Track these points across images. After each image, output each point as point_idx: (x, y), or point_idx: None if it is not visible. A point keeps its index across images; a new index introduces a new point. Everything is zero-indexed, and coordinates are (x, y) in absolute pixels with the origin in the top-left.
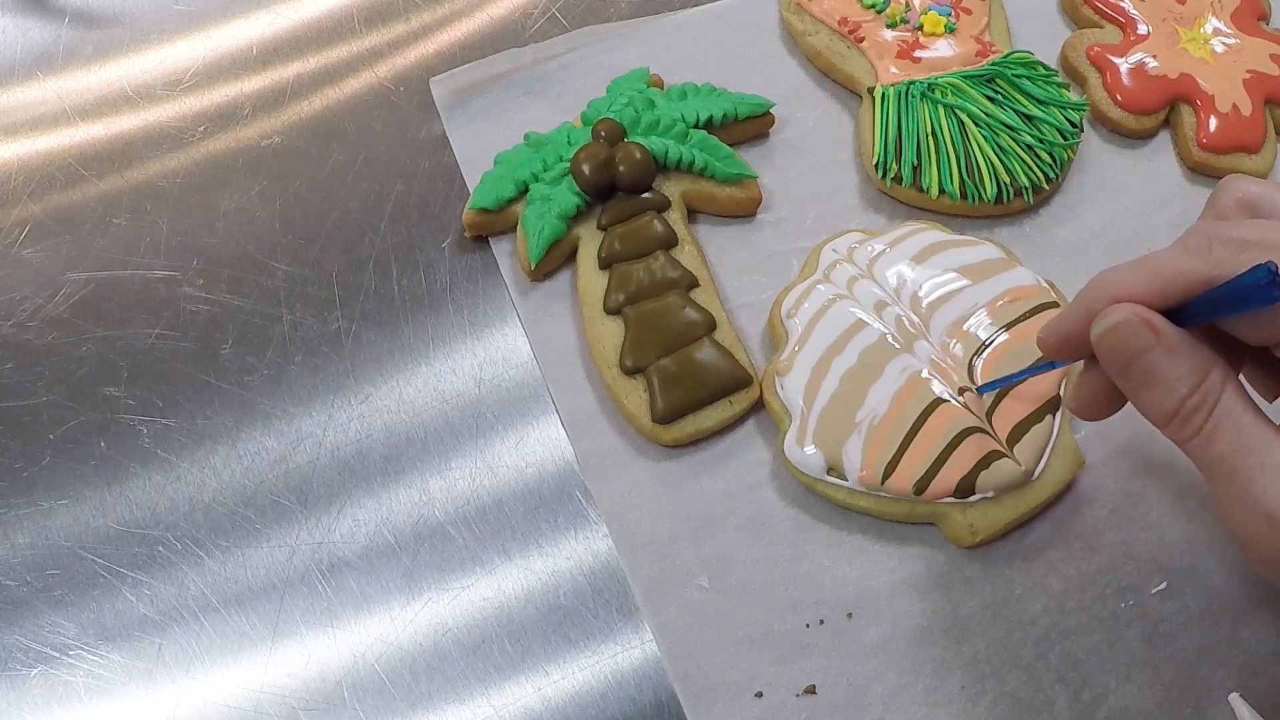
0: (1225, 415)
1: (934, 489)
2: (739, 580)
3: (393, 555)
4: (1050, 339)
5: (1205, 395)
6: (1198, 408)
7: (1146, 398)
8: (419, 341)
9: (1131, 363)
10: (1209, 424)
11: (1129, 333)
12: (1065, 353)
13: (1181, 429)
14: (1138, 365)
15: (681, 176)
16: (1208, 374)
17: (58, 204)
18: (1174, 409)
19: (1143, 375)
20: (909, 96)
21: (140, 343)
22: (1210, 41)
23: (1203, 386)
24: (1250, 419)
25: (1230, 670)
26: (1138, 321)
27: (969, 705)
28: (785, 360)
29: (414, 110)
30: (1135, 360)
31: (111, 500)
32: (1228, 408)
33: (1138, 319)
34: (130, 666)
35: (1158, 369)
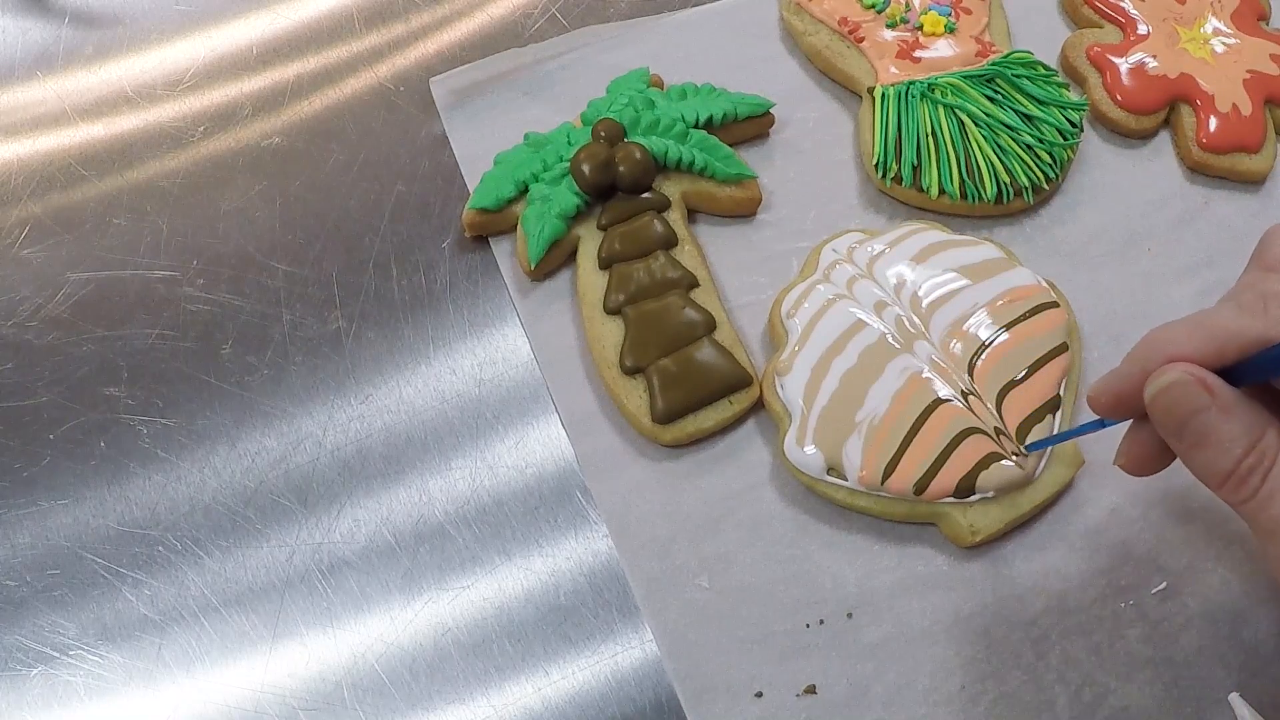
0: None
1: (934, 489)
2: (739, 580)
3: (393, 555)
4: (1102, 398)
5: (1261, 456)
6: (1253, 469)
7: (1201, 459)
8: (419, 341)
9: (1186, 423)
10: (1265, 486)
11: (1184, 393)
12: (1117, 411)
13: (1237, 491)
14: (1192, 426)
15: (681, 176)
16: (1263, 435)
17: (58, 204)
18: (1229, 470)
19: (1197, 436)
20: (909, 96)
21: (140, 343)
22: (1210, 41)
23: (1259, 447)
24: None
25: (1230, 670)
26: (1193, 382)
27: (969, 705)
28: (785, 360)
29: (414, 110)
30: (1190, 420)
31: (111, 500)
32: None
33: (1193, 379)
34: (130, 666)
35: (1213, 430)
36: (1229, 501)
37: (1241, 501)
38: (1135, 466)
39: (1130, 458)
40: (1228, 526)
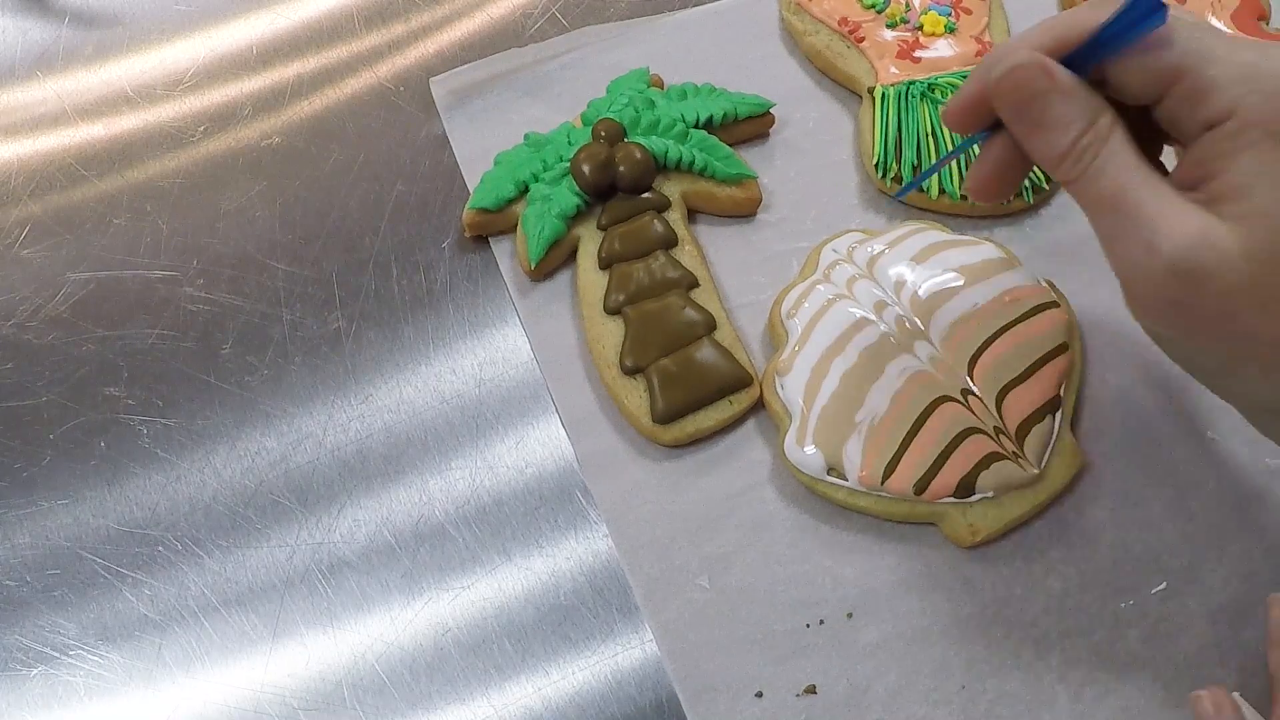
0: (1113, 154)
1: (934, 489)
2: (739, 580)
3: (393, 555)
4: (954, 106)
5: (1096, 135)
6: (1088, 148)
7: (1041, 139)
8: (419, 341)
9: (1029, 105)
10: (1097, 162)
11: (1026, 75)
12: (970, 120)
13: (1073, 167)
14: (1034, 107)
15: (681, 176)
16: (1098, 117)
17: (58, 204)
18: (1066, 148)
19: (1038, 117)
20: (909, 96)
21: (140, 343)
22: None
23: (1094, 128)
24: (1135, 159)
25: (1230, 670)
26: (1034, 65)
27: (969, 705)
28: (785, 360)
29: (414, 110)
30: (1032, 102)
31: (111, 500)
32: (1115, 148)
33: (1035, 63)
34: (130, 666)
35: (1052, 110)
36: (1063, 180)
37: (1075, 178)
38: (981, 187)
39: (977, 179)
40: (1228, 526)
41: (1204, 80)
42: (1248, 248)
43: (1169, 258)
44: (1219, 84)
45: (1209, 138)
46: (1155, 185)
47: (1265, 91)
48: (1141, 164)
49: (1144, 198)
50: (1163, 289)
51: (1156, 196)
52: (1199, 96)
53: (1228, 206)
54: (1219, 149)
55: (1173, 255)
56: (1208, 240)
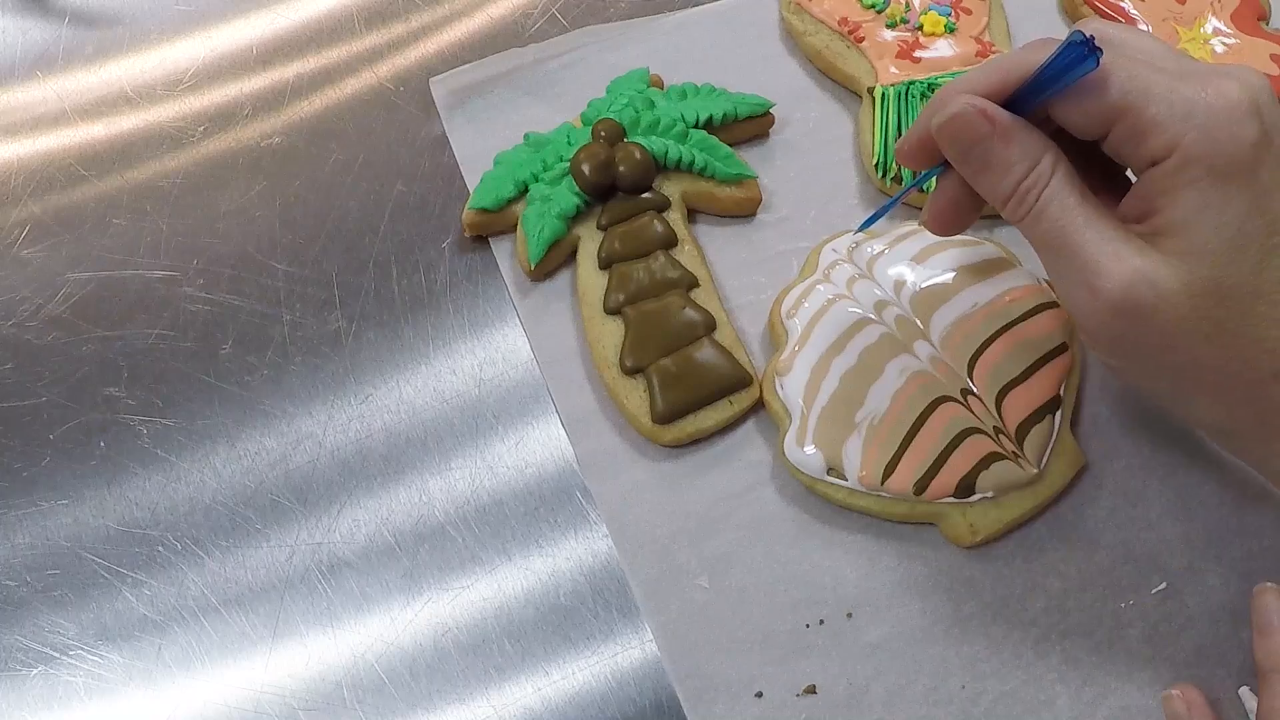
0: (1053, 196)
1: (934, 489)
2: (739, 580)
3: (393, 555)
4: (905, 146)
5: (1037, 178)
6: (1030, 189)
7: (985, 181)
8: (419, 341)
9: (970, 149)
10: (1039, 204)
11: (965, 122)
12: (920, 158)
13: (1016, 209)
14: (976, 152)
15: (681, 176)
16: (1040, 159)
17: (58, 204)
18: (1009, 191)
19: (981, 161)
20: (909, 96)
21: (140, 343)
22: (1210, 41)
23: (1035, 170)
24: (1076, 200)
25: (1230, 670)
26: (973, 111)
27: (969, 705)
28: (785, 360)
29: (414, 110)
30: (973, 147)
31: (111, 500)
32: (1056, 189)
33: (974, 109)
34: (130, 666)
35: (993, 155)
36: (1010, 220)
37: (1019, 219)
38: (937, 221)
39: (933, 212)
40: (1228, 526)
41: (1144, 119)
42: (1188, 283)
43: (1110, 298)
44: (1159, 122)
45: (1152, 174)
46: (1096, 225)
47: (1204, 128)
48: (1084, 203)
49: (1086, 239)
50: (1108, 326)
51: (1098, 237)
52: (1140, 135)
53: (1169, 242)
54: (1162, 185)
55: (1113, 295)
56: (1147, 279)
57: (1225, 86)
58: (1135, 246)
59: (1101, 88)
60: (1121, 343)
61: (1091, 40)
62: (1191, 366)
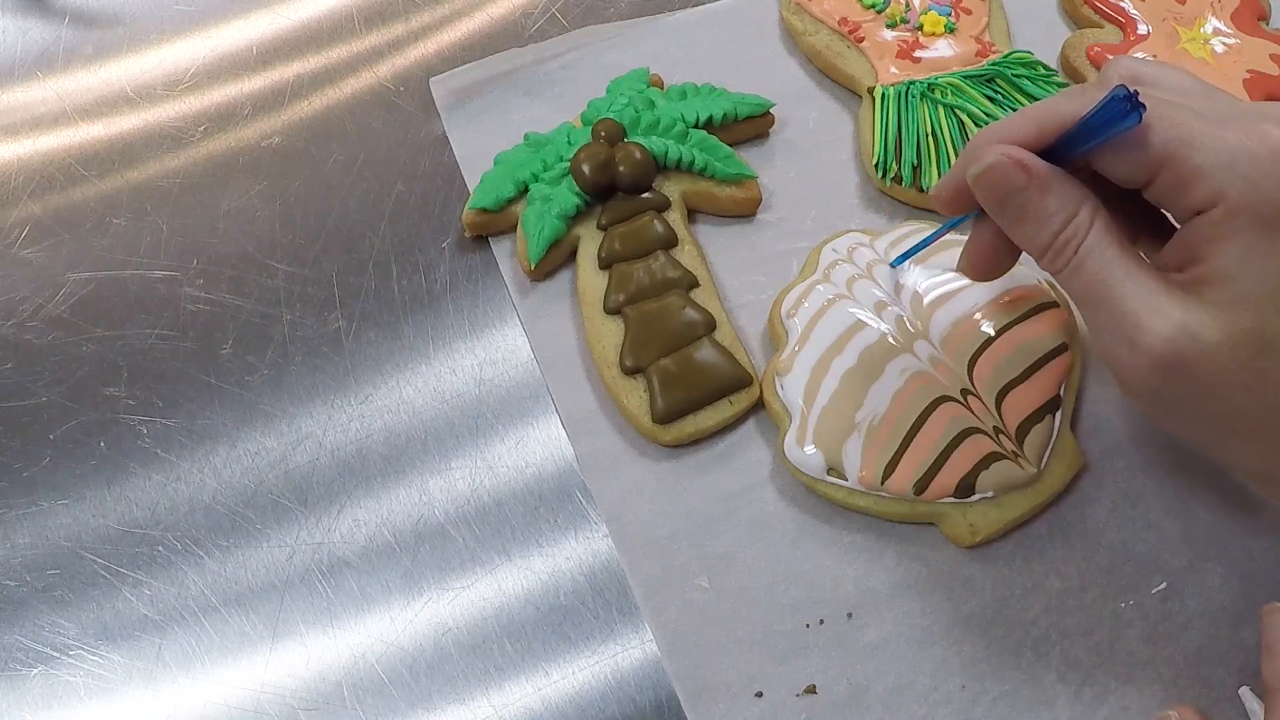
0: (1092, 248)
1: (934, 489)
2: (739, 580)
3: (393, 555)
4: (941, 193)
5: (1076, 230)
6: (1068, 241)
7: (1022, 233)
8: (419, 341)
9: (1006, 201)
10: (1077, 256)
11: (1002, 173)
12: (956, 205)
13: (1054, 261)
14: (1012, 203)
15: (681, 176)
16: (1078, 210)
17: (58, 204)
18: (1047, 243)
19: (1017, 212)
20: (909, 96)
21: (140, 343)
22: (1210, 41)
23: (1074, 221)
24: (1115, 252)
25: (1230, 670)
26: (1010, 162)
27: (969, 705)
28: (785, 360)
29: (414, 110)
30: (1010, 199)
31: (111, 500)
32: (1095, 241)
33: (1010, 159)
34: (130, 666)
35: (1031, 206)
36: (1049, 271)
37: (1058, 271)
38: (976, 267)
39: (969, 258)
40: (1228, 526)
41: (1188, 169)
42: (1231, 334)
43: (1151, 352)
44: (1203, 172)
45: (1196, 222)
46: (1136, 277)
47: (1249, 178)
48: (1123, 255)
49: (1126, 292)
50: (1149, 380)
51: (1138, 290)
52: (1184, 185)
53: (1213, 291)
54: (1205, 234)
55: (1155, 350)
56: (1189, 332)
57: (1269, 133)
58: (1176, 299)
59: (1143, 138)
60: (1162, 395)
61: (1135, 96)
62: (1231, 415)
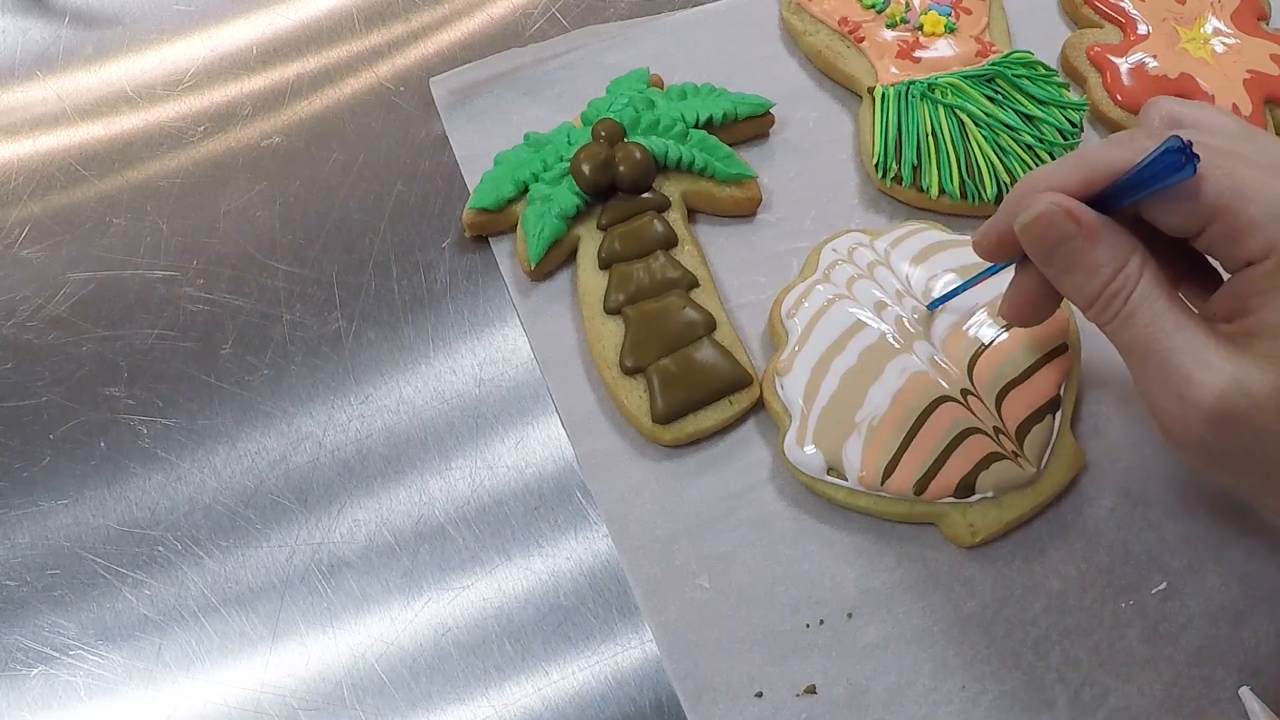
0: (1142, 300)
1: (934, 489)
2: (739, 580)
3: (393, 555)
4: (984, 240)
5: (1125, 280)
6: (1117, 293)
7: (1069, 283)
8: (419, 341)
9: (1054, 251)
10: (1126, 308)
11: (1051, 222)
12: (999, 252)
13: (1102, 312)
14: (1060, 253)
15: (681, 176)
16: (1127, 260)
17: (58, 204)
18: (1095, 294)
19: (1065, 262)
20: (909, 96)
21: (140, 343)
22: (1210, 41)
23: (1123, 272)
24: (1165, 304)
25: (1230, 670)
26: (1059, 211)
27: (969, 705)
28: (785, 360)
29: (414, 110)
30: (1058, 248)
31: (111, 500)
32: (1144, 293)
33: (1059, 209)
34: (130, 666)
35: (1079, 256)
36: (1096, 323)
37: (1106, 322)
38: (1019, 312)
39: (1013, 305)
40: (1228, 526)
41: (1240, 220)
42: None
43: (1202, 407)
44: (1256, 223)
45: (1247, 274)
46: (1186, 330)
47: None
48: (1172, 306)
49: (1176, 345)
50: (1198, 434)
51: (1188, 343)
52: (1236, 236)
53: (1264, 344)
54: (1257, 286)
55: (1206, 404)
56: (1240, 386)
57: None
58: (1226, 351)
59: (1195, 188)
60: (1211, 448)
61: (1189, 147)
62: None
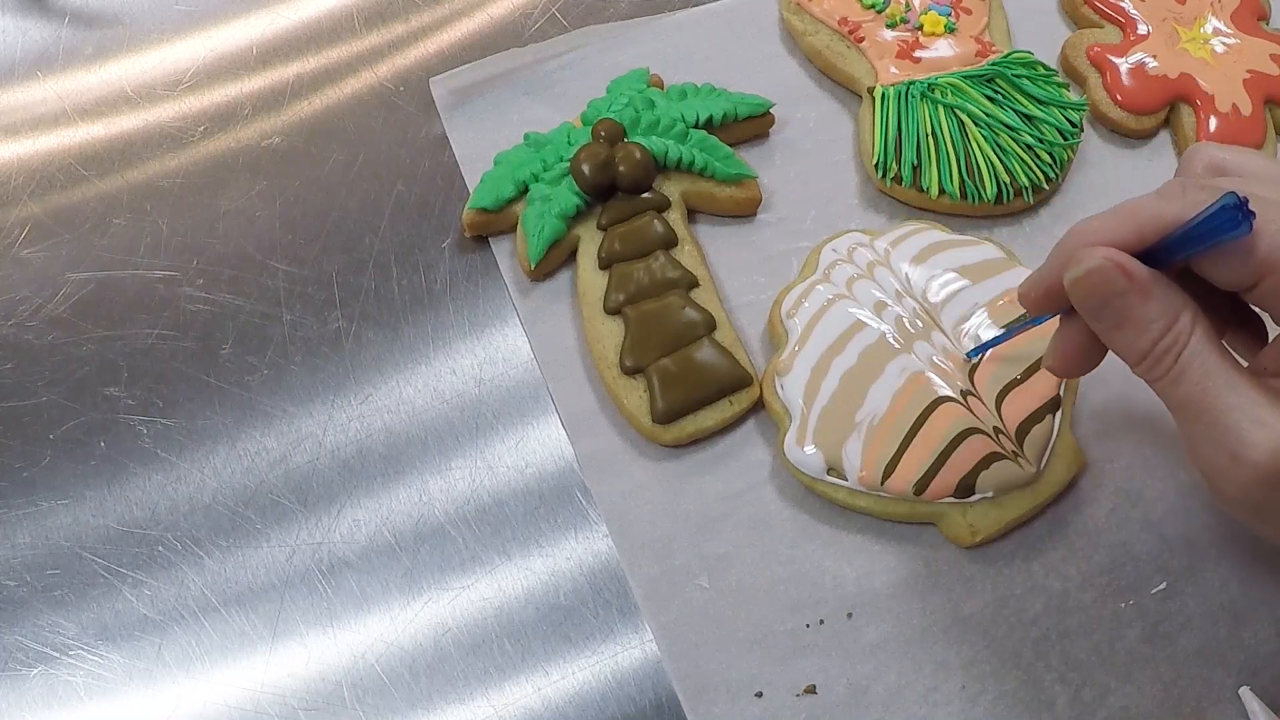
0: (1194, 357)
1: (934, 489)
2: (739, 580)
3: (393, 555)
4: (1031, 292)
5: (1176, 337)
6: (1169, 349)
7: (1120, 339)
8: (419, 341)
9: (1105, 306)
10: (1178, 365)
11: (1102, 277)
12: (1046, 305)
13: (1153, 369)
14: (1111, 308)
15: (681, 176)
16: (1179, 316)
17: (58, 204)
18: (1146, 350)
19: (1116, 318)
20: (909, 96)
21: (140, 343)
22: (1210, 41)
23: (1174, 329)
24: (1217, 361)
25: (1230, 670)
26: (1111, 266)
27: (969, 705)
28: (785, 360)
29: (414, 110)
30: (1109, 303)
31: (111, 500)
32: (1196, 350)
33: (1111, 263)
34: (130, 666)
35: (1131, 312)
36: (1146, 380)
37: (1156, 379)
38: (1064, 364)
39: (1058, 356)
40: (1228, 526)
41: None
42: None
43: (1256, 467)
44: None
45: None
46: (1238, 387)
47: None
48: (1224, 363)
49: (1228, 403)
50: (1251, 492)
51: (1240, 400)
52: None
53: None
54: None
55: (1259, 463)
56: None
57: None
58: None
59: (1249, 243)
60: (1263, 506)
61: (1245, 204)
62: None
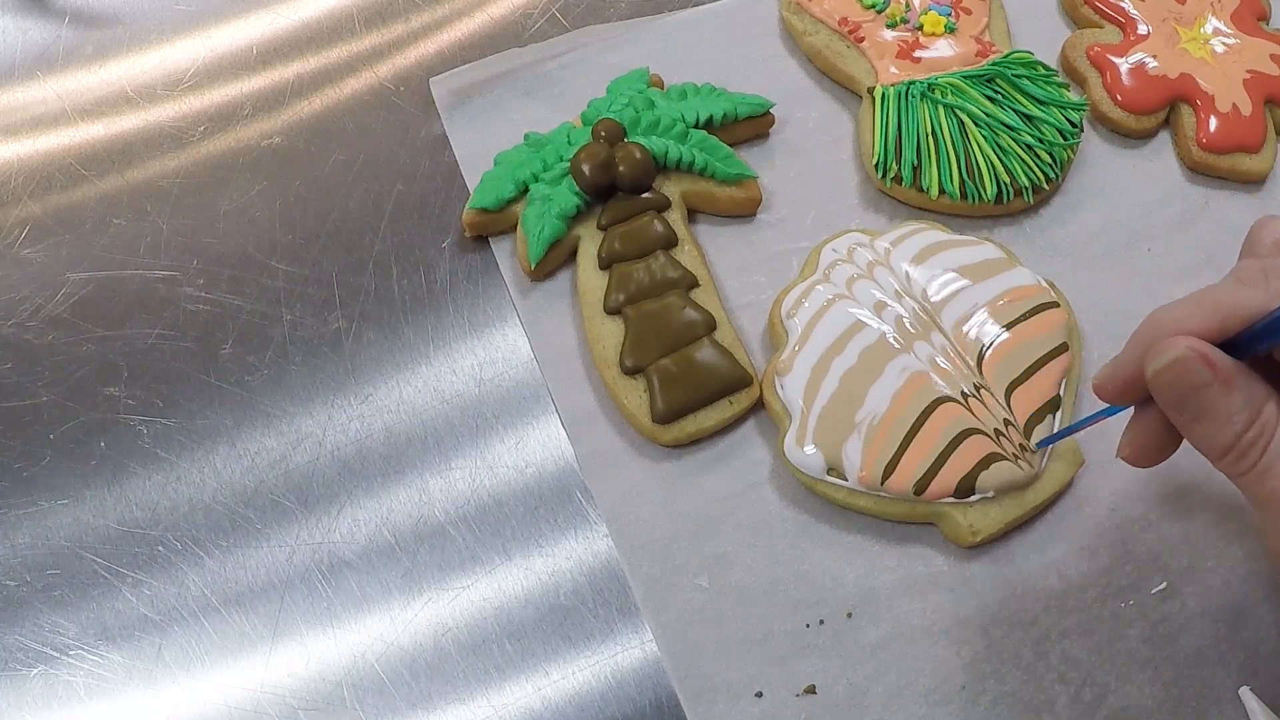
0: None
1: (934, 489)
2: (739, 580)
3: (393, 555)
4: (1109, 384)
5: (1261, 430)
6: (1253, 443)
7: (1202, 433)
8: (419, 341)
9: (1188, 398)
10: (1264, 459)
11: (1186, 368)
12: (1124, 396)
13: (1237, 464)
14: (1194, 400)
15: (681, 176)
16: (1264, 408)
17: (58, 204)
18: (1230, 444)
19: (1199, 410)
20: (909, 96)
21: (140, 343)
22: (1210, 41)
23: (1259, 421)
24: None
25: (1230, 670)
26: (1194, 356)
27: (969, 705)
28: (785, 360)
29: (414, 110)
30: (1192, 395)
31: (111, 500)
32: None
33: (1195, 354)
34: (130, 666)
35: (1214, 404)
36: (1228, 474)
37: (1240, 474)
38: (1138, 457)
39: (1134, 447)
40: (1228, 526)
41: None
42: None
43: None
44: None
45: None
46: None
47: None
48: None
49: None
50: None
51: None
52: None
53: None
54: None
55: None
56: None
57: None
58: None
59: None
60: None
61: None
62: None
